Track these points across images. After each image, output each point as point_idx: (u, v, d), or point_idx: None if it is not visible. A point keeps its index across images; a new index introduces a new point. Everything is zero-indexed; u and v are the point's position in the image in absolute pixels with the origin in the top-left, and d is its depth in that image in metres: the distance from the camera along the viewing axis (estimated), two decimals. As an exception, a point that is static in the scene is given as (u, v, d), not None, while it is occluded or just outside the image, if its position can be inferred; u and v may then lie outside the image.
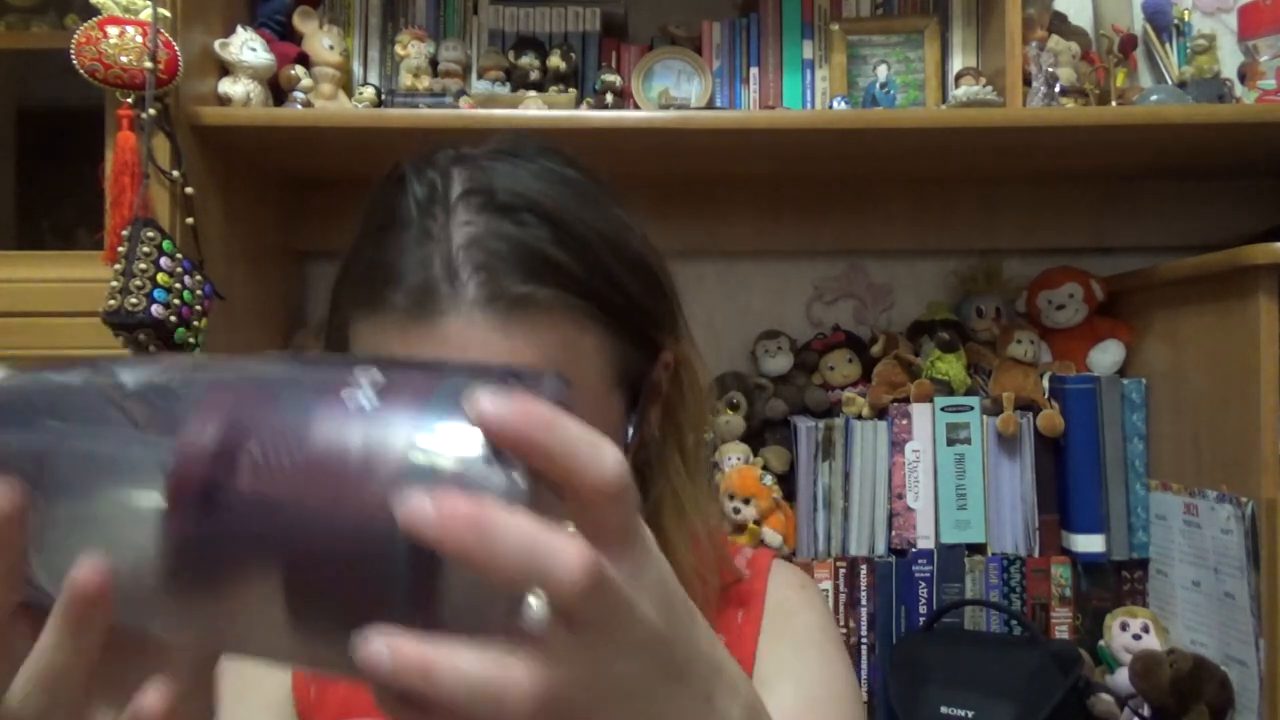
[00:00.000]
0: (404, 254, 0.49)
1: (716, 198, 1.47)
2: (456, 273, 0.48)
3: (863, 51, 1.37)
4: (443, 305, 0.47)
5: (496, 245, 0.48)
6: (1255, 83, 1.29)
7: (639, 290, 0.53)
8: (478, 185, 0.51)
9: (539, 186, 0.51)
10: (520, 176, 0.52)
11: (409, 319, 0.48)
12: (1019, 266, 1.49)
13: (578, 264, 0.49)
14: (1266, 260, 1.06)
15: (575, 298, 0.49)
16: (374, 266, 0.51)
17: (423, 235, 0.49)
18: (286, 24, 1.29)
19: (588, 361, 0.50)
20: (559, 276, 0.49)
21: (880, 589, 1.29)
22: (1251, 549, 1.09)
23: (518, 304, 0.47)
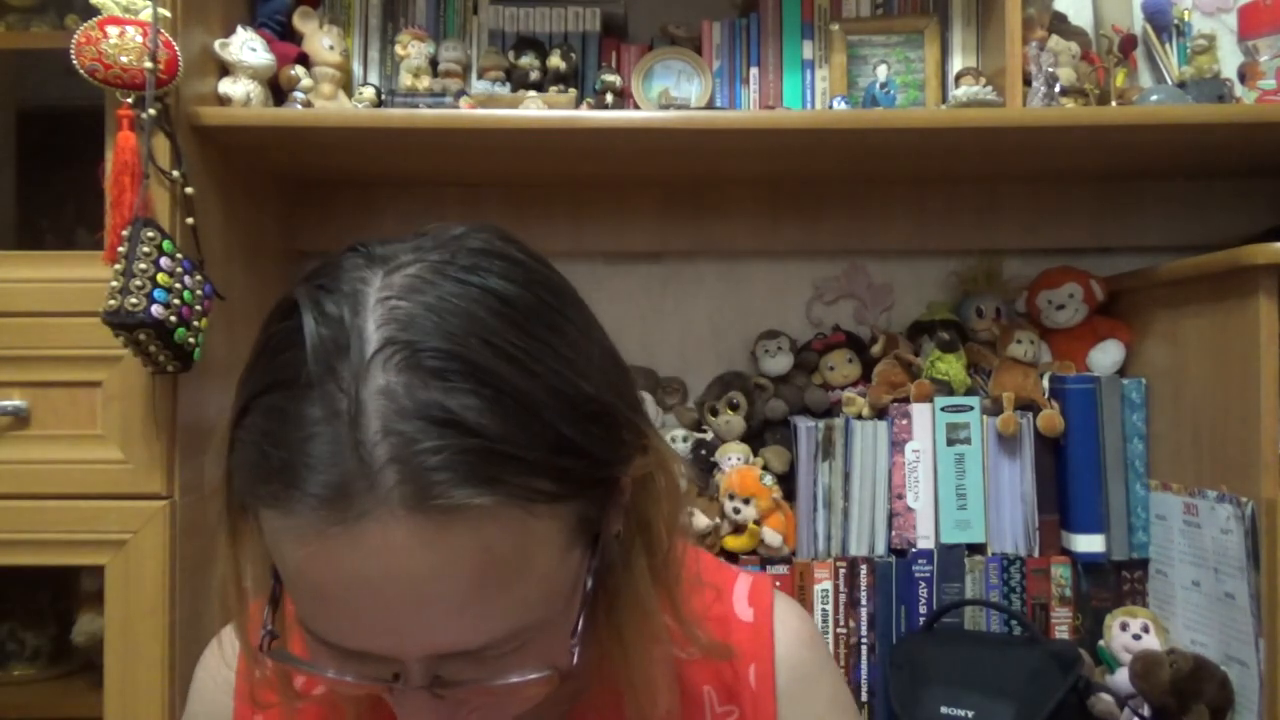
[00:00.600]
0: (310, 437, 0.40)
1: (716, 198, 1.47)
2: (373, 466, 0.39)
3: (863, 51, 1.37)
4: (360, 508, 0.39)
5: (422, 430, 0.40)
6: (1255, 83, 1.29)
7: (591, 441, 0.45)
8: (397, 333, 0.41)
9: (473, 328, 0.42)
10: (449, 317, 0.42)
11: (322, 524, 0.40)
12: (1019, 266, 1.49)
13: (523, 440, 0.41)
14: (1266, 260, 1.06)
15: (523, 487, 0.41)
16: (272, 448, 0.41)
17: (328, 409, 0.40)
18: (286, 24, 1.29)
19: (543, 542, 0.44)
20: (502, 471, 0.41)
21: (880, 589, 1.29)
22: (1251, 549, 1.09)
23: (452, 512, 0.40)
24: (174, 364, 1.02)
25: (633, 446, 0.50)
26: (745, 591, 0.65)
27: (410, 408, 0.40)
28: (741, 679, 0.62)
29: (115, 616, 1.04)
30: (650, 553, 0.53)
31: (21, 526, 1.04)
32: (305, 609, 0.44)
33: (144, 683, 1.03)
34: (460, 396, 0.40)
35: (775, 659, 0.63)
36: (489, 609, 0.42)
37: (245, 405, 0.44)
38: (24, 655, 1.31)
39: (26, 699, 1.26)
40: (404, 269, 0.44)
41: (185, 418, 1.07)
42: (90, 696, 1.13)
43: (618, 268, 1.49)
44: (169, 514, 1.05)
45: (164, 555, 1.04)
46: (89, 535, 1.04)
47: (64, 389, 1.05)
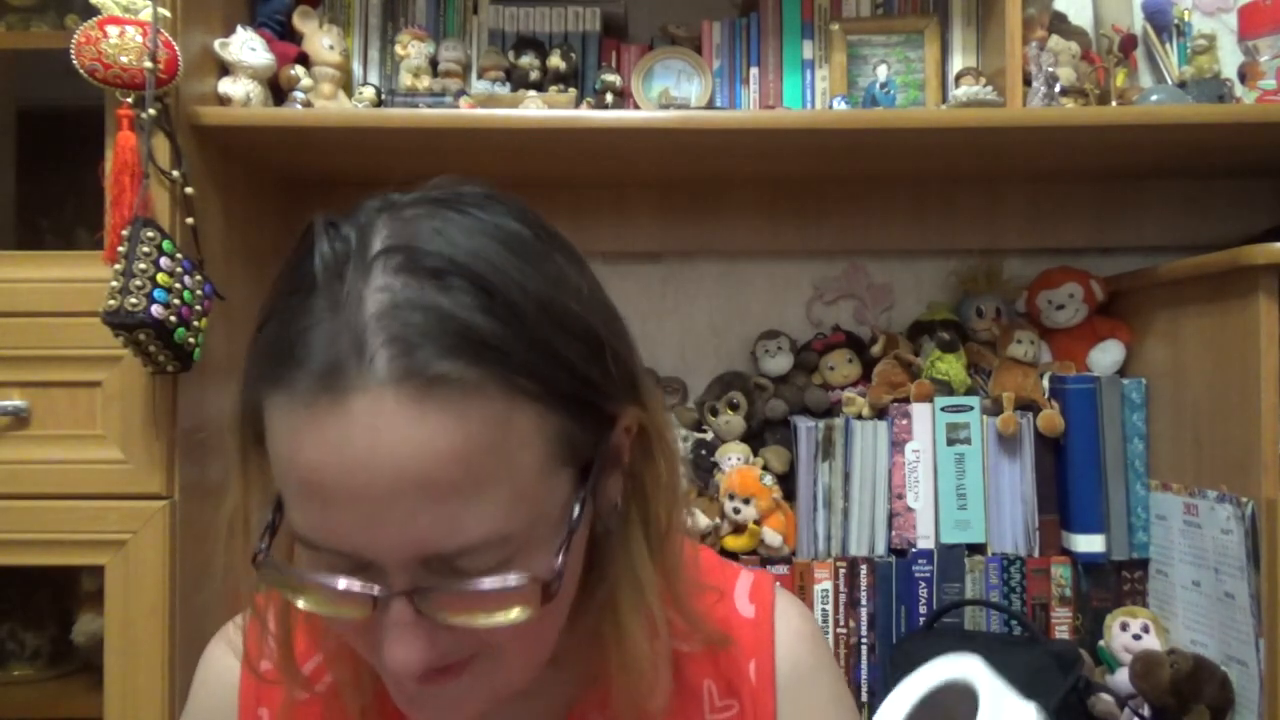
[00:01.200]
0: (311, 324, 0.43)
1: (716, 198, 1.47)
2: (365, 346, 0.42)
3: (863, 51, 1.37)
4: (351, 383, 0.42)
5: (414, 315, 0.42)
6: (1255, 83, 1.29)
7: (583, 361, 0.47)
8: (400, 242, 0.45)
9: (471, 245, 0.45)
10: (451, 233, 0.45)
11: (315, 400, 0.42)
12: (1019, 266, 1.49)
13: (510, 336, 0.44)
14: (1266, 260, 1.06)
15: (506, 373, 0.43)
16: (279, 339, 0.45)
17: (332, 302, 0.43)
18: (286, 24, 1.29)
19: (521, 442, 0.44)
20: (487, 351, 0.43)
21: (880, 589, 1.29)
22: (1251, 549, 1.09)
23: (436, 383, 0.42)
24: (174, 364, 1.02)
25: (624, 387, 0.51)
26: (747, 588, 0.66)
27: (405, 300, 0.43)
28: (742, 674, 0.62)
29: (115, 616, 1.04)
30: (646, 525, 0.54)
31: (21, 526, 1.04)
32: (295, 509, 0.46)
33: (144, 683, 1.03)
34: (454, 295, 0.43)
35: (776, 655, 0.63)
36: (467, 505, 0.43)
37: (261, 319, 0.48)
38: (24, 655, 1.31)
39: (26, 699, 1.26)
40: (413, 205, 0.48)
41: (185, 418, 1.07)
42: (90, 696, 1.13)
43: (618, 268, 1.49)
44: (169, 514, 1.05)
45: (164, 555, 1.04)
46: (89, 535, 1.04)
47: (64, 389, 1.05)
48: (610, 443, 0.51)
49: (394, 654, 0.45)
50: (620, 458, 0.52)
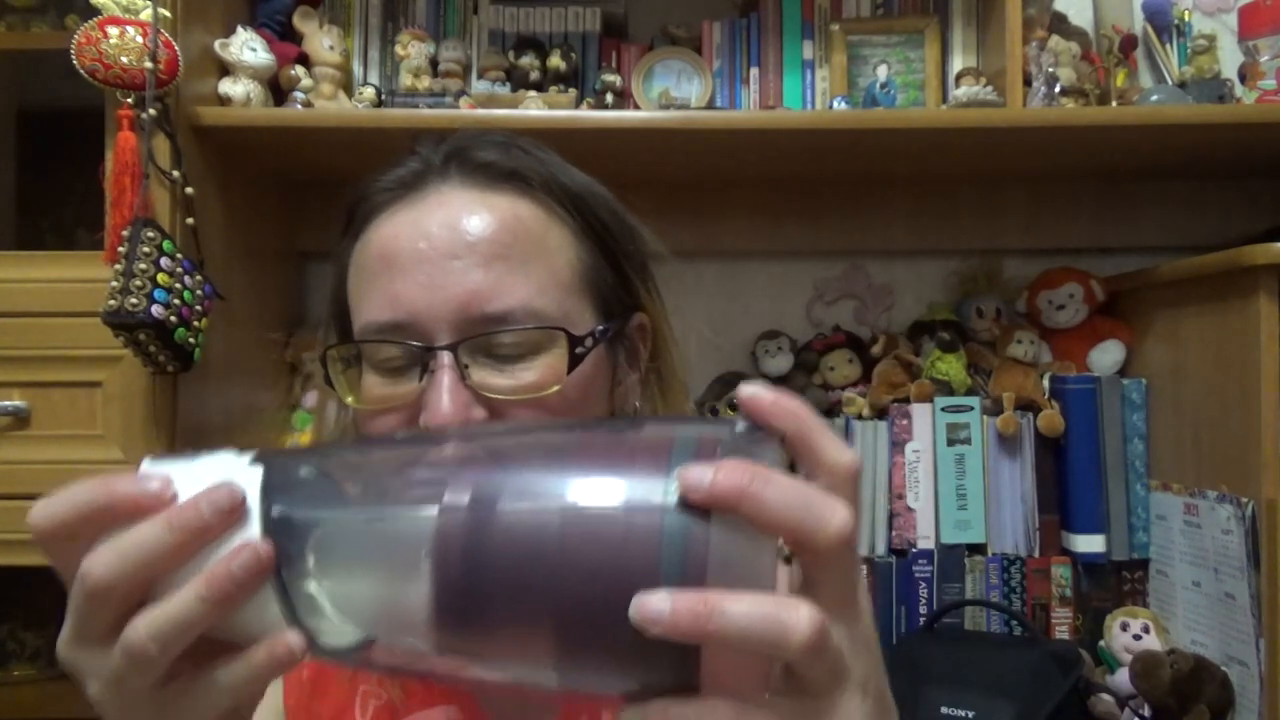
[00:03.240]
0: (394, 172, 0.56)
1: (716, 198, 1.47)
2: (444, 159, 0.55)
3: (863, 51, 1.37)
4: (428, 184, 0.55)
5: (481, 152, 0.55)
6: (1255, 83, 1.29)
7: (615, 230, 0.59)
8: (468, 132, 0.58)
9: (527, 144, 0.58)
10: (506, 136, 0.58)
11: (398, 199, 0.55)
12: (1019, 266, 1.49)
13: (554, 182, 0.56)
14: (1266, 260, 1.06)
15: (550, 191, 0.55)
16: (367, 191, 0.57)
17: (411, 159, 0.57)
18: (286, 24, 1.29)
19: (557, 245, 0.55)
20: (541, 174, 0.55)
21: (880, 589, 1.29)
22: (1251, 549, 1.09)
23: (498, 177, 0.54)
24: (174, 364, 1.02)
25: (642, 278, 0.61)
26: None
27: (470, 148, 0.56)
28: None
29: (115, 616, 1.04)
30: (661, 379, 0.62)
31: (22, 526, 1.03)
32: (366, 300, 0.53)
33: (144, 683, 1.03)
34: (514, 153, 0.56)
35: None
36: (511, 272, 0.52)
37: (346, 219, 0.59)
38: (24, 655, 1.31)
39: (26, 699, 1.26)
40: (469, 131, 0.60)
41: (185, 418, 1.07)
42: (90, 696, 1.12)
43: (618, 268, 1.49)
44: (169, 514, 1.05)
45: (164, 555, 1.04)
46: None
47: (64, 389, 1.05)
48: (628, 328, 0.59)
49: (434, 404, 0.50)
50: (636, 355, 0.60)
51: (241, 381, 1.26)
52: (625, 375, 0.59)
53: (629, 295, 0.59)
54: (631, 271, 0.60)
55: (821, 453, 0.32)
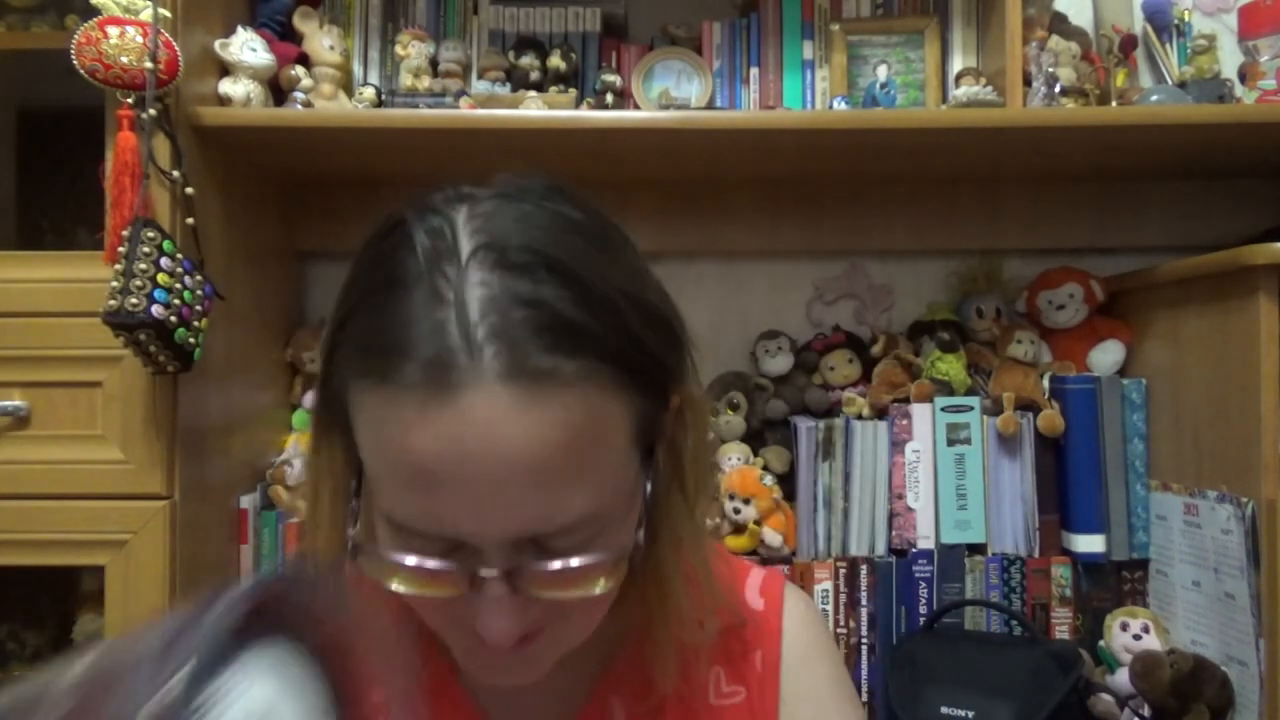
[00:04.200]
0: (414, 319, 0.45)
1: (716, 198, 1.47)
2: (474, 341, 0.44)
3: (863, 52, 1.37)
4: (462, 378, 0.44)
5: (514, 310, 0.44)
6: (1255, 83, 1.29)
7: (656, 343, 0.50)
8: (489, 239, 0.47)
9: (552, 238, 0.48)
10: (530, 229, 0.48)
11: (425, 394, 0.44)
12: (1019, 266, 1.49)
13: (599, 325, 0.46)
14: (1266, 260, 1.06)
15: (599, 364, 0.46)
16: (379, 331, 0.46)
17: (433, 296, 0.45)
18: (287, 24, 1.29)
19: (614, 427, 0.48)
20: (582, 344, 0.45)
21: (880, 589, 1.29)
22: (1251, 549, 1.09)
23: (542, 378, 0.44)
24: (174, 364, 1.02)
25: (680, 365, 0.55)
26: (758, 583, 0.68)
27: (504, 295, 0.45)
28: (749, 663, 0.64)
29: (115, 616, 1.04)
30: (684, 489, 0.57)
31: (21, 526, 1.04)
32: (395, 498, 0.47)
33: (144, 683, 1.03)
34: (545, 288, 0.46)
35: (782, 645, 0.65)
36: (569, 489, 0.46)
37: (347, 314, 0.49)
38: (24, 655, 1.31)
39: (26, 699, 1.26)
40: (489, 199, 0.50)
41: (185, 418, 1.07)
42: (90, 696, 1.12)
43: (618, 268, 1.48)
44: (169, 514, 1.05)
45: (164, 555, 1.04)
46: (89, 535, 1.04)
47: (64, 389, 1.05)
48: (664, 422, 0.54)
49: (490, 628, 0.47)
50: (666, 434, 0.56)
51: (241, 381, 1.26)
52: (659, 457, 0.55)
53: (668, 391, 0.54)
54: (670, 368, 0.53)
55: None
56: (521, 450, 0.44)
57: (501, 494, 0.45)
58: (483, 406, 0.44)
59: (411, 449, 0.45)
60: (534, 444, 0.44)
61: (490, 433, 0.44)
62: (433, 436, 0.44)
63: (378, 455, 0.47)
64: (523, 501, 0.45)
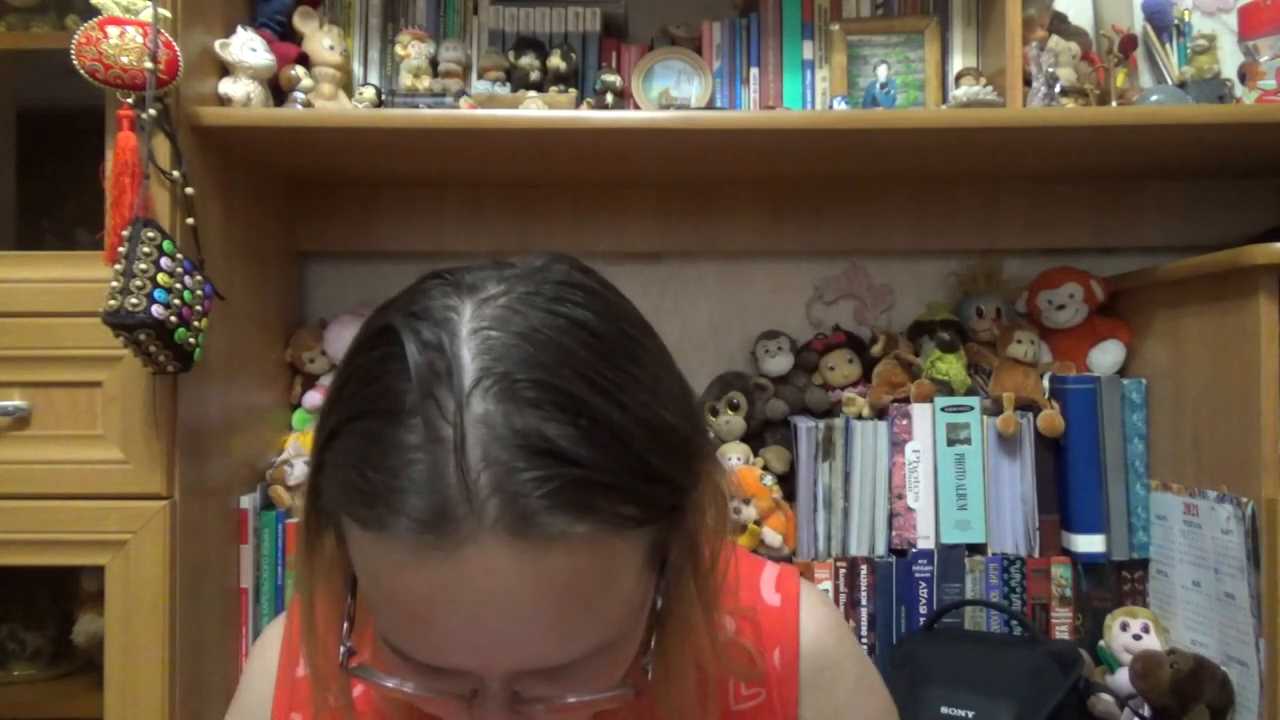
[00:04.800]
0: (408, 461, 0.41)
1: (716, 198, 1.47)
2: (475, 494, 0.41)
3: (863, 52, 1.37)
4: (462, 531, 0.41)
5: (518, 459, 0.41)
6: (1255, 83, 1.29)
7: (671, 469, 0.46)
8: (492, 363, 0.42)
9: (563, 360, 0.43)
10: (539, 349, 0.43)
11: (424, 545, 0.41)
12: (1019, 266, 1.49)
13: (613, 465, 0.43)
14: (1266, 260, 1.06)
15: (612, 509, 0.43)
16: (370, 470, 0.42)
17: (429, 434, 0.41)
18: (287, 24, 1.29)
19: (624, 567, 0.45)
20: (594, 501, 0.42)
21: (880, 589, 1.29)
22: (1251, 549, 1.09)
23: (550, 540, 0.41)
24: (174, 364, 1.02)
25: (700, 474, 0.51)
26: (773, 579, 0.67)
27: (508, 436, 0.41)
28: (767, 662, 0.63)
29: (115, 616, 1.04)
30: (696, 568, 0.54)
31: (21, 526, 1.04)
32: (391, 626, 0.46)
33: (144, 683, 1.03)
34: (555, 425, 0.42)
35: (800, 644, 0.64)
36: (574, 629, 0.44)
37: (335, 429, 0.45)
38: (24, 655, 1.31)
39: (26, 699, 1.26)
40: (494, 300, 0.46)
41: (185, 418, 1.07)
42: (90, 696, 1.13)
43: (618, 268, 1.49)
44: (169, 514, 1.05)
45: (164, 555, 1.04)
46: (89, 535, 1.04)
47: (64, 389, 1.05)
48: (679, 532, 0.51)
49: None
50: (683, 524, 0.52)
51: (241, 381, 1.26)
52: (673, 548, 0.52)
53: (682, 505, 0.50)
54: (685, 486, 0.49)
55: None
56: (525, 602, 0.42)
57: (504, 639, 0.43)
58: (484, 561, 0.41)
59: (407, 590, 0.43)
60: (539, 597, 0.42)
61: (492, 585, 0.42)
62: (427, 583, 0.42)
63: (372, 585, 0.45)
64: (526, 645, 0.43)
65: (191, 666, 1.08)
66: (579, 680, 0.46)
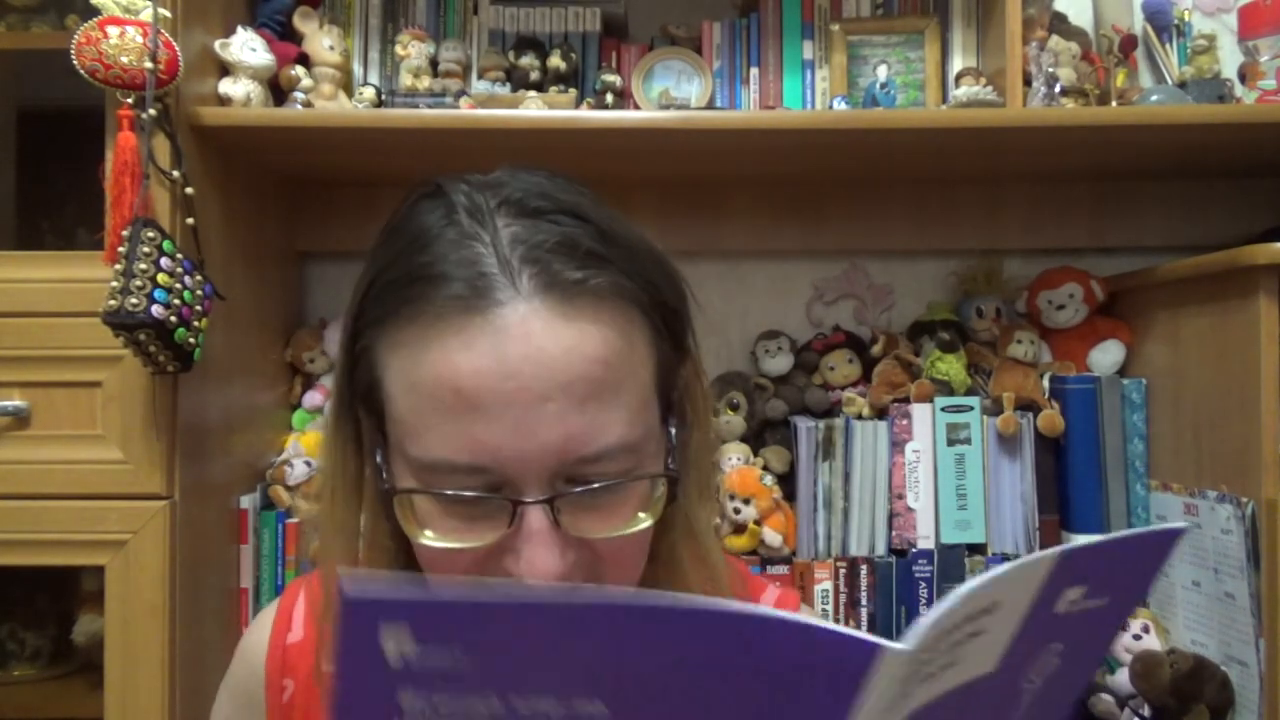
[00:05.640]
0: (448, 255, 0.47)
1: (716, 198, 1.47)
2: (510, 264, 0.46)
3: (863, 52, 1.37)
4: (500, 295, 0.46)
5: (542, 240, 0.47)
6: (1255, 83, 1.29)
7: (670, 292, 0.52)
8: (508, 196, 0.50)
9: (565, 196, 0.50)
10: (545, 187, 0.51)
11: (464, 312, 0.46)
12: (1019, 266, 1.49)
13: (618, 254, 0.49)
14: (1266, 260, 1.06)
15: (623, 282, 0.48)
16: (412, 271, 0.48)
17: (466, 237, 0.48)
18: (287, 24, 1.29)
19: (641, 358, 0.49)
20: (607, 267, 0.48)
21: (880, 589, 1.29)
22: (1251, 549, 1.09)
23: (576, 290, 0.46)
24: (174, 364, 1.02)
25: (689, 335, 0.55)
26: (771, 602, 0.67)
27: (529, 229, 0.48)
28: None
29: (115, 616, 1.04)
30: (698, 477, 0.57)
31: (21, 526, 1.04)
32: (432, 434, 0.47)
33: (144, 683, 1.03)
34: (567, 228, 0.48)
35: None
36: (606, 409, 0.47)
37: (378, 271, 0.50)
38: (24, 655, 1.31)
39: (26, 699, 1.26)
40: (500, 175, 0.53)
41: (185, 418, 1.07)
42: (90, 696, 1.13)
43: (618, 268, 1.48)
44: (169, 514, 1.05)
45: (164, 555, 1.04)
46: (89, 535, 1.04)
47: (64, 389, 1.05)
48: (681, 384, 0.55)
49: (534, 562, 0.46)
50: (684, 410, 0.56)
51: (241, 381, 1.26)
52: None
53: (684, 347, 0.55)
54: (685, 321, 0.55)
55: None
56: (560, 361, 0.45)
57: (544, 410, 0.45)
58: (523, 320, 0.45)
59: (454, 371, 0.45)
60: (573, 357, 0.45)
61: (531, 346, 0.45)
62: (473, 355, 0.45)
63: (415, 393, 0.47)
64: (564, 419, 0.45)
65: (191, 666, 1.08)
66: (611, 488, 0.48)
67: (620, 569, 0.51)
